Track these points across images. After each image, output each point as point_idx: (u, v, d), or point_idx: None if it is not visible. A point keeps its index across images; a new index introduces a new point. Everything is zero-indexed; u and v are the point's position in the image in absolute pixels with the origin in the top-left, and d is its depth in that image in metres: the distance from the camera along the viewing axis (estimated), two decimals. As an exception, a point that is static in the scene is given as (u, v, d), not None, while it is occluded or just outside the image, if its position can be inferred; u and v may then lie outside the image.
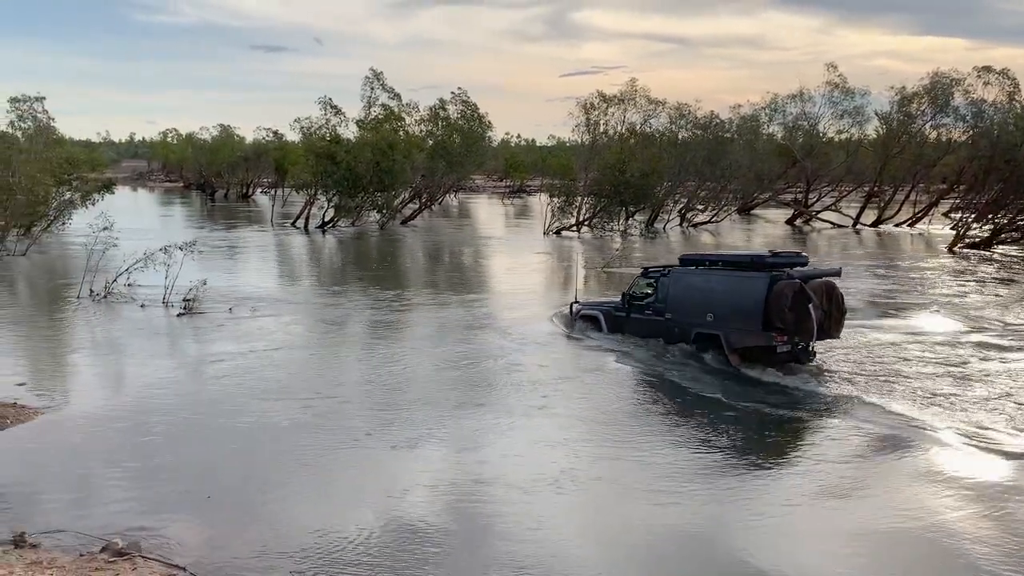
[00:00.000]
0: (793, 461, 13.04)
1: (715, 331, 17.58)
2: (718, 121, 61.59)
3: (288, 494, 11.12)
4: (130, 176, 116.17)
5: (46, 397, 15.24)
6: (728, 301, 17.49)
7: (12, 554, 8.95)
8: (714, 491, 11.39)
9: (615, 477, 11.90)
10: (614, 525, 10.52)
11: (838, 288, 17.68)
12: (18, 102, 40.92)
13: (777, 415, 14.87)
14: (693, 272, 18.67)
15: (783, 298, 16.56)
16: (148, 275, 25.08)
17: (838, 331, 17.76)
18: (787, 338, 17.01)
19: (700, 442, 13.44)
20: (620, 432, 13.80)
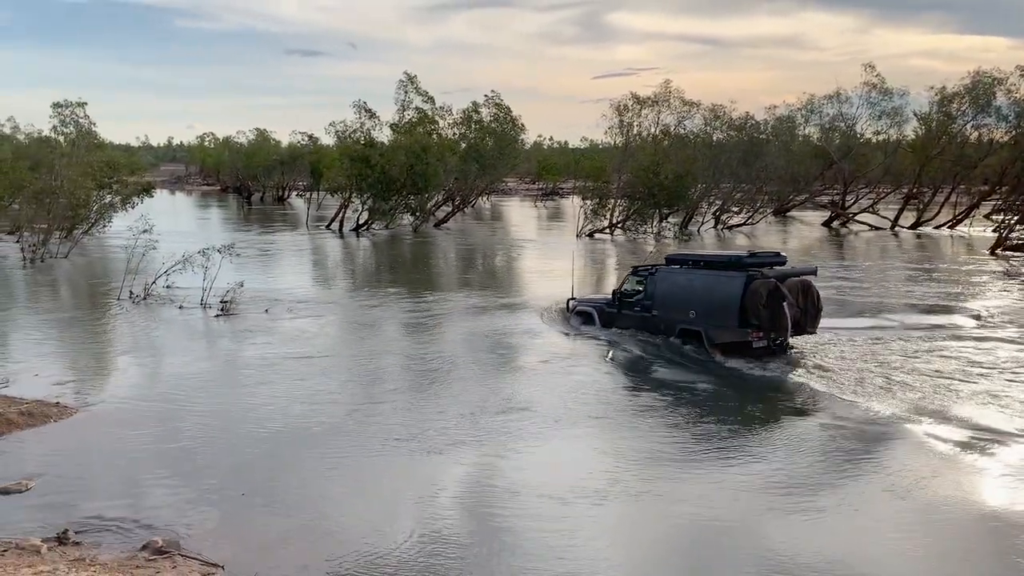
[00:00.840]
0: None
1: (696, 327, 18.74)
2: (753, 122, 60.96)
3: (322, 494, 11.20)
4: (168, 180, 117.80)
5: (87, 397, 15.52)
6: (708, 299, 18.60)
7: (55, 551, 9.11)
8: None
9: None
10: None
11: (814, 286, 18.71)
12: (60, 107, 41.79)
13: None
14: (678, 271, 19.83)
15: (758, 296, 17.68)
16: (186, 277, 25.46)
17: (814, 327, 18.81)
18: (763, 334, 18.11)
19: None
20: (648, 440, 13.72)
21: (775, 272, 18.54)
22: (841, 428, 14.07)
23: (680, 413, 15.05)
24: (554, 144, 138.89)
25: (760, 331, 18.10)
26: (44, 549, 9.05)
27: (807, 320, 18.53)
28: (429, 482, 11.68)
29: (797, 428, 14.41)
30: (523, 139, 64.38)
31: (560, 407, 15.11)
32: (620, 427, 14.31)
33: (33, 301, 27.11)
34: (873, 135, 63.70)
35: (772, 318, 17.84)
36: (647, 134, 57.00)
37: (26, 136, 68.81)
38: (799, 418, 14.95)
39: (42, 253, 35.29)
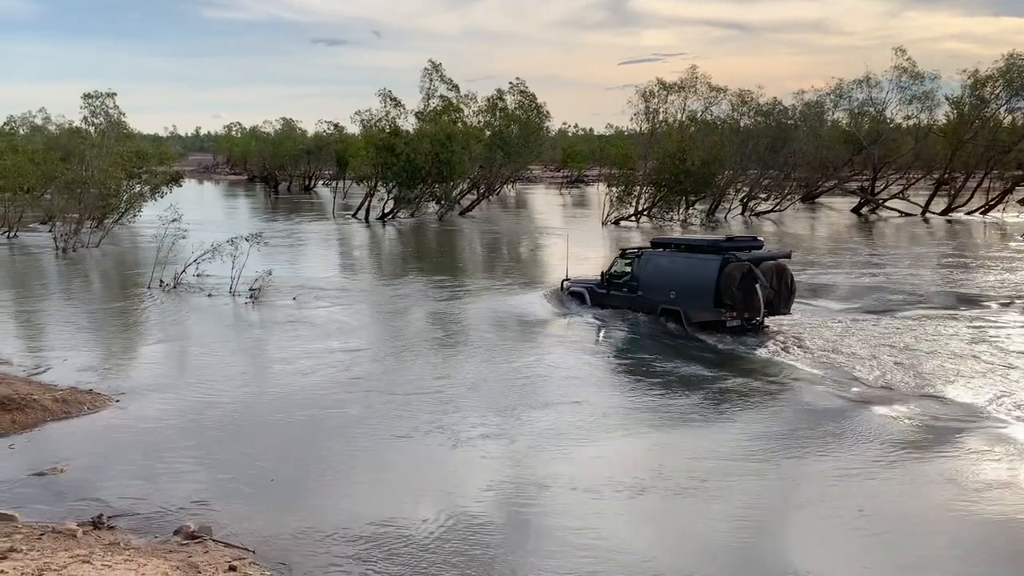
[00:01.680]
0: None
1: (676, 307, 19.91)
2: (781, 108, 60.32)
3: (350, 480, 11.31)
4: (196, 169, 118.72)
5: (119, 384, 15.72)
6: (686, 281, 19.79)
7: (91, 535, 9.27)
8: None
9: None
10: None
11: (788, 269, 19.81)
12: (91, 98, 42.24)
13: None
14: (661, 254, 21.16)
15: (732, 279, 18.81)
16: (215, 265, 25.71)
17: (787, 307, 19.91)
18: (736, 314, 19.19)
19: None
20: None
21: (750, 256, 19.49)
22: (795, 400, 15.03)
23: (650, 383, 16.25)
24: (579, 131, 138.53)
25: (734, 311, 19.14)
26: (80, 533, 9.21)
27: (780, 301, 19.56)
28: (456, 468, 11.75)
29: (755, 399, 15.16)
30: (548, 126, 64.28)
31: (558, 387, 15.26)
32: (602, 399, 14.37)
33: (66, 290, 27.52)
34: (903, 120, 62.81)
35: (745, 299, 18.96)
36: (673, 120, 56.60)
37: (57, 127, 69.88)
38: (761, 391, 15.64)
39: (74, 242, 35.80)
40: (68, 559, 8.21)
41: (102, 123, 42.38)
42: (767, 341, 18.83)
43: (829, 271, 30.88)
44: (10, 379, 15.16)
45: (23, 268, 32.31)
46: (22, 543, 8.60)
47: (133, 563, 8.33)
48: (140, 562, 8.39)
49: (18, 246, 37.78)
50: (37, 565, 7.95)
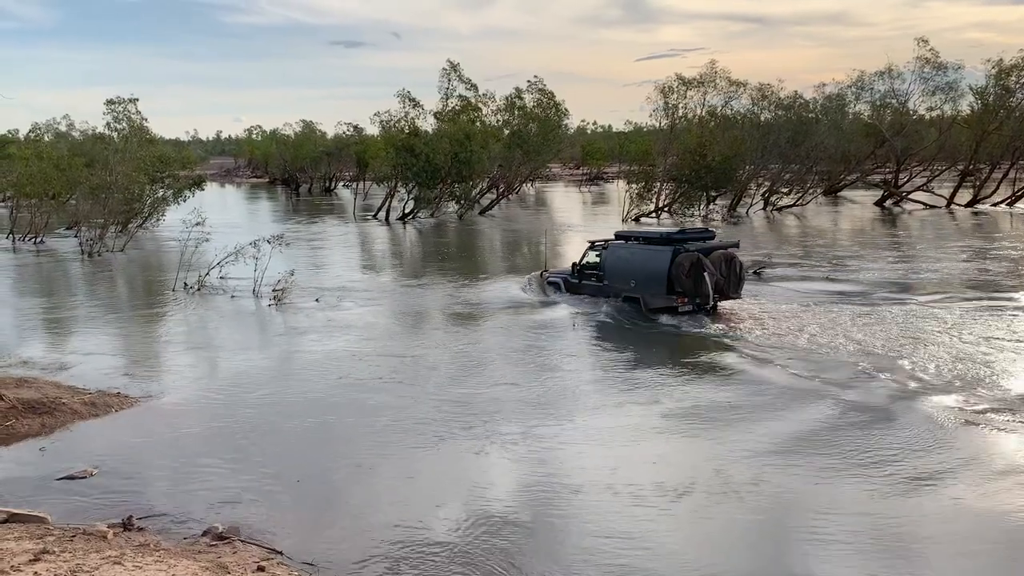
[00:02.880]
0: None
1: (636, 294, 21.85)
2: (802, 101, 59.81)
3: (377, 481, 11.33)
4: (218, 173, 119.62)
5: (147, 386, 15.88)
6: (643, 270, 21.65)
7: (121, 536, 9.36)
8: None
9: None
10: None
11: (737, 257, 21.81)
12: (113, 104, 42.72)
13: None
14: (623, 246, 22.85)
15: (682, 268, 20.73)
16: (238, 268, 25.91)
17: (737, 292, 21.84)
18: (688, 299, 21.02)
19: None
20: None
21: (700, 246, 21.39)
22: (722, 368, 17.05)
23: (609, 356, 18.41)
24: (598, 128, 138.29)
25: (685, 297, 21.01)
26: (110, 535, 9.30)
27: (730, 287, 21.54)
28: (483, 468, 11.76)
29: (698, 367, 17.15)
30: (566, 124, 64.12)
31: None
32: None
33: (92, 293, 27.83)
34: (926, 111, 62.05)
35: (695, 286, 20.86)
36: (693, 116, 56.29)
37: (81, 133, 70.61)
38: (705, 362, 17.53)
39: (99, 247, 36.20)
40: (100, 560, 8.30)
41: (125, 128, 42.86)
42: (718, 323, 20.64)
43: (861, 264, 30.62)
44: (39, 383, 15.36)
45: (50, 273, 32.71)
46: (54, 545, 8.70)
47: (163, 564, 8.40)
48: (170, 563, 8.46)
49: (45, 251, 38.27)
50: (70, 567, 8.04)
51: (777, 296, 24.28)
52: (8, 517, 9.71)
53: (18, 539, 8.86)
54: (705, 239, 22.18)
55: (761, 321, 20.81)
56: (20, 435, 13.17)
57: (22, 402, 13.84)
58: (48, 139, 67.57)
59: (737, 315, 21.55)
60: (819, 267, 30.37)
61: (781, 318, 21.10)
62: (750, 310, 22.06)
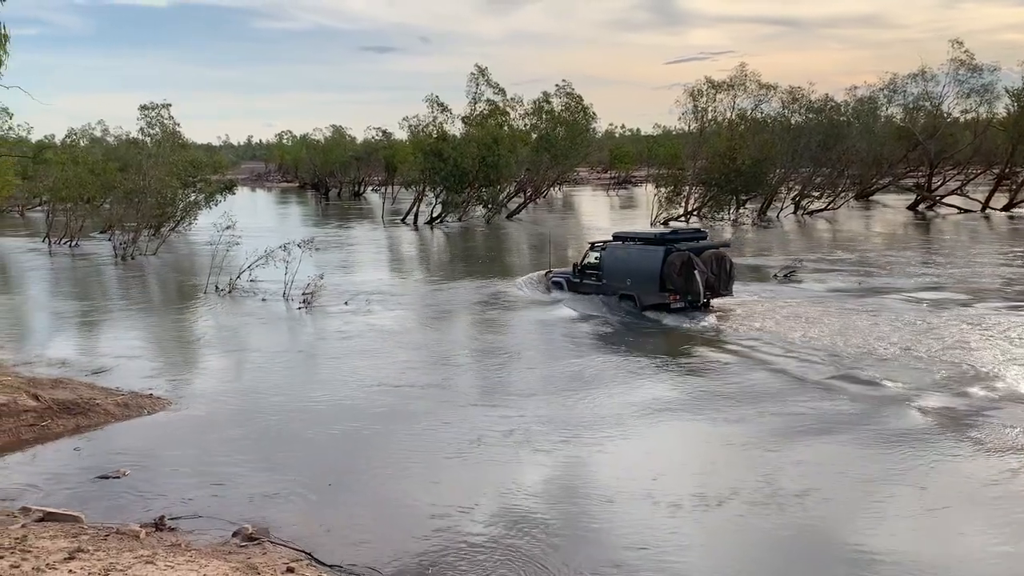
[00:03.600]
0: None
1: (631, 292, 22.76)
2: (833, 104, 59.15)
3: (406, 485, 11.34)
4: (249, 177, 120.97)
5: (178, 388, 16.07)
6: (637, 269, 22.58)
7: (153, 536, 9.46)
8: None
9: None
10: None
11: (728, 256, 22.78)
12: (147, 109, 43.41)
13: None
14: (620, 247, 23.75)
15: (673, 267, 21.68)
16: (269, 271, 26.14)
17: (728, 289, 22.66)
18: (679, 297, 21.87)
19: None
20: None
21: (691, 246, 22.35)
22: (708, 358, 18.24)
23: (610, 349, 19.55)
24: (626, 132, 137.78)
25: (677, 295, 21.88)
26: (143, 534, 9.40)
27: (720, 284, 22.39)
28: (512, 471, 11.73)
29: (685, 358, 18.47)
30: (594, 127, 64.01)
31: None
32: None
33: (126, 296, 28.22)
34: (961, 114, 61.07)
35: (686, 284, 21.76)
36: (722, 119, 55.92)
37: (115, 138, 71.71)
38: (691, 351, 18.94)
39: (132, 250, 36.73)
40: (133, 559, 8.39)
41: (158, 133, 43.51)
42: (713, 319, 21.62)
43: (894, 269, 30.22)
44: (74, 383, 15.59)
45: (85, 276, 33.22)
46: (88, 544, 8.82)
47: (195, 564, 8.48)
48: (201, 563, 8.53)
49: (80, 255, 38.89)
50: (103, 565, 8.14)
51: (808, 299, 23.98)
52: (44, 516, 9.86)
53: (53, 537, 8.98)
54: (697, 239, 23.22)
55: (794, 322, 20.90)
56: (55, 435, 13.38)
57: (57, 403, 14.06)
58: (84, 144, 68.59)
59: (760, 315, 21.78)
60: (851, 271, 30.00)
61: (813, 321, 20.96)
62: (783, 312, 22.01)
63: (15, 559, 8.19)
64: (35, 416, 13.64)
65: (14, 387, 14.47)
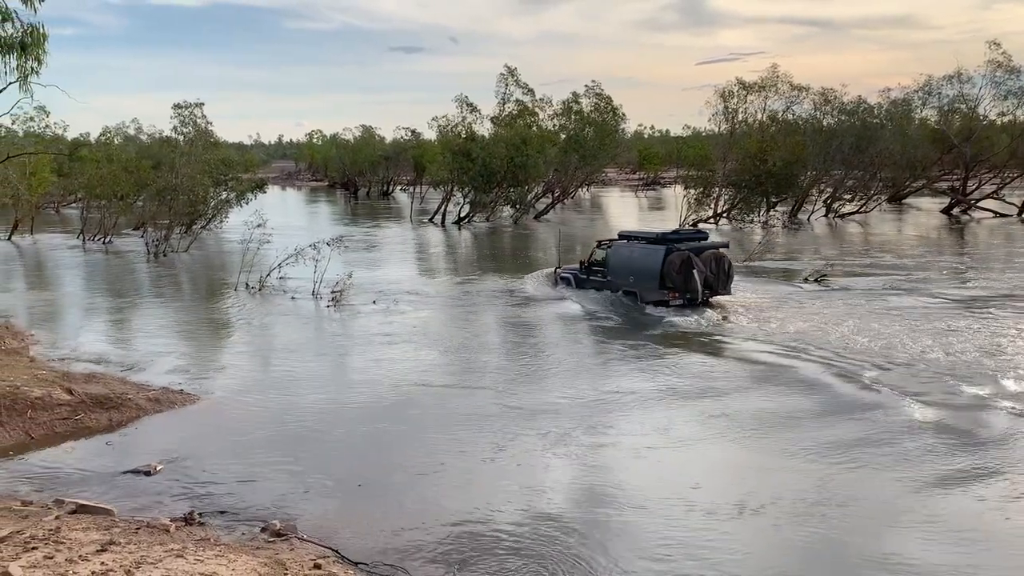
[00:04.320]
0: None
1: (633, 289, 23.90)
2: (866, 106, 58.40)
3: (433, 484, 11.38)
4: (279, 176, 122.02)
5: (208, 384, 16.24)
6: (639, 267, 23.71)
7: (183, 530, 9.57)
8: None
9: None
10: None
11: (726, 256, 23.79)
12: (180, 108, 43.86)
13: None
14: (624, 245, 24.92)
15: (673, 265, 22.78)
16: (298, 269, 26.34)
17: (726, 288, 23.59)
18: (679, 294, 22.92)
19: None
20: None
21: (691, 246, 23.35)
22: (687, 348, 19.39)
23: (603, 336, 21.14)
24: (655, 133, 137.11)
25: (676, 292, 22.94)
26: (172, 528, 9.51)
27: (719, 283, 23.37)
28: (539, 474, 11.73)
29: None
30: (623, 128, 63.74)
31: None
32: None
33: (157, 293, 28.56)
34: (998, 116, 60.08)
35: (684, 282, 22.79)
36: (753, 120, 55.47)
37: (148, 137, 72.67)
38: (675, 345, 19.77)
39: (164, 247, 37.17)
40: (163, 553, 8.49)
41: (191, 132, 43.91)
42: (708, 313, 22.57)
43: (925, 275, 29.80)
44: (107, 378, 15.82)
45: (118, 272, 33.68)
46: (120, 536, 8.94)
47: (224, 559, 8.56)
48: (230, 558, 8.61)
49: (113, 251, 39.45)
50: (135, 558, 8.24)
51: (836, 302, 23.74)
52: (76, 508, 10.01)
53: (86, 529, 9.12)
54: (697, 240, 24.21)
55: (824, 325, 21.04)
56: (88, 429, 13.59)
57: (91, 397, 14.27)
58: (118, 142, 69.56)
59: (777, 316, 21.99)
60: (882, 275, 29.61)
61: (838, 322, 20.97)
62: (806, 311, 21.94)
63: (49, 550, 8.33)
64: (69, 410, 13.86)
65: (49, 381, 14.72)
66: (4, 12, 14.04)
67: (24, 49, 14.36)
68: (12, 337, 20.06)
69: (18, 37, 14.27)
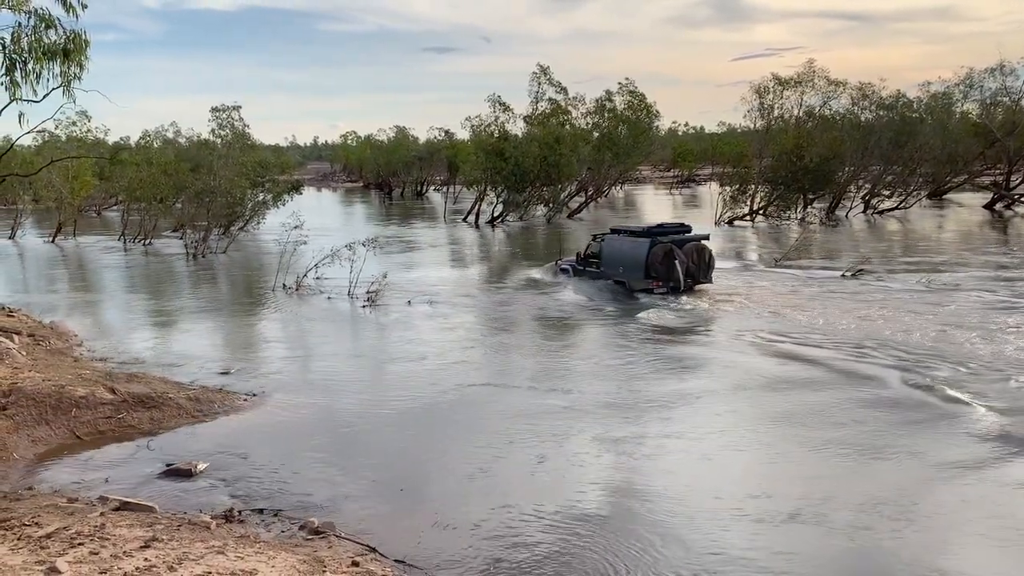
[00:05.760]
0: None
1: (623, 278, 26.10)
2: (905, 100, 57.46)
3: (471, 484, 11.40)
4: (315, 177, 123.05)
5: (247, 384, 16.41)
6: (627, 259, 25.75)
7: (223, 528, 9.70)
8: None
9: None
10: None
11: (707, 248, 25.83)
12: (218, 111, 44.40)
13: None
14: (615, 238, 26.91)
15: (656, 256, 24.90)
16: (334, 269, 26.58)
17: (707, 277, 25.74)
18: (662, 283, 24.97)
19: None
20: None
21: (674, 238, 25.35)
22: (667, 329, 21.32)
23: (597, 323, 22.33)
24: (689, 130, 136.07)
25: (659, 281, 24.99)
26: (213, 525, 9.64)
27: (700, 273, 25.50)
28: (579, 476, 11.71)
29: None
30: (657, 126, 63.37)
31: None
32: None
33: (196, 293, 28.99)
34: (1042, 109, 58.69)
35: (667, 272, 24.91)
36: (789, 116, 54.83)
37: (187, 139, 73.66)
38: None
39: (203, 249, 37.70)
40: (204, 550, 8.61)
41: (228, 135, 44.43)
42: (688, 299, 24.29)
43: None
44: (148, 378, 16.08)
45: (158, 274, 34.25)
46: (163, 533, 9.08)
47: (263, 556, 8.66)
48: (270, 555, 8.71)
49: (153, 253, 40.12)
50: (177, 554, 8.38)
51: (876, 300, 23.42)
52: (120, 505, 10.19)
53: (129, 526, 9.28)
54: (681, 233, 26.11)
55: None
56: (130, 427, 13.82)
57: (132, 396, 14.52)
58: (157, 145, 70.63)
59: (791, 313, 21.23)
60: (923, 271, 29.09)
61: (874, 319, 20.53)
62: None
63: (94, 546, 8.49)
64: (112, 409, 14.11)
65: (92, 380, 15.01)
66: (48, 19, 14.32)
67: (67, 55, 14.63)
68: (57, 337, 20.50)
69: (61, 43, 14.55)
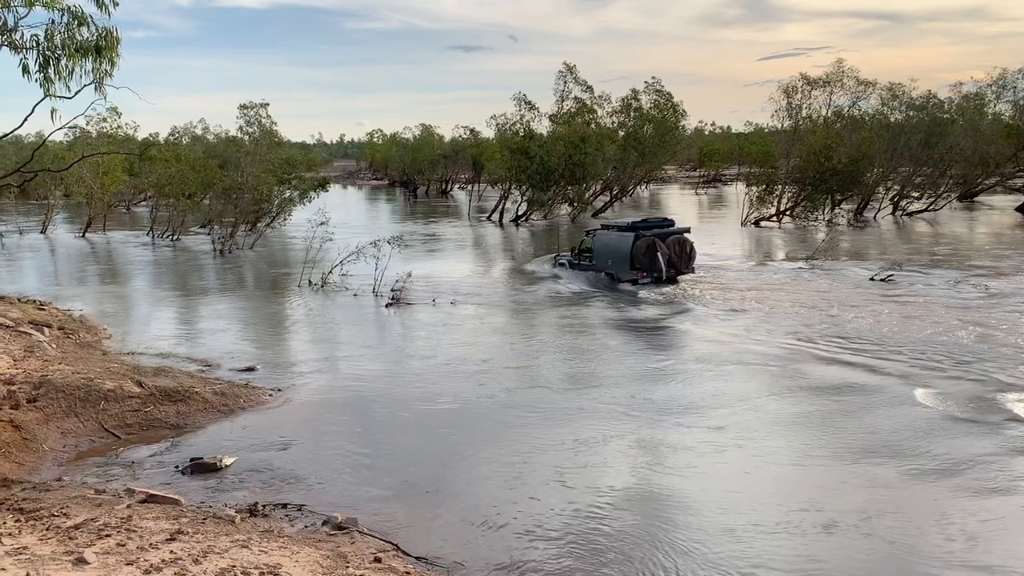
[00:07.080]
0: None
1: (611, 271, 28.03)
2: (936, 101, 56.60)
3: (494, 482, 11.40)
4: (341, 175, 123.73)
5: (272, 380, 16.56)
6: (615, 252, 27.68)
7: (248, 522, 9.78)
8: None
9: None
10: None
11: (688, 240, 27.64)
12: (246, 108, 44.79)
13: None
14: (605, 234, 28.90)
15: (640, 249, 26.77)
16: (359, 266, 26.74)
17: (688, 267, 27.58)
18: (647, 274, 26.88)
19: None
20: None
21: (657, 232, 27.24)
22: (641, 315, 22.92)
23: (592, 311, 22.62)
24: (716, 130, 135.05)
25: (644, 272, 26.86)
26: (238, 520, 9.73)
27: (682, 264, 27.32)
28: (602, 476, 11.68)
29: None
30: (684, 125, 62.99)
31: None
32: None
33: (223, 289, 29.27)
34: (1077, 110, 57.64)
35: (650, 263, 26.79)
36: (818, 116, 54.24)
37: (215, 136, 74.39)
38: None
39: (230, 245, 38.06)
40: (229, 543, 8.70)
41: (256, 132, 44.82)
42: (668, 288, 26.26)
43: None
44: (175, 372, 16.27)
45: (185, 268, 34.62)
46: (188, 526, 9.18)
47: (287, 550, 8.73)
48: (293, 549, 8.78)
49: (181, 248, 40.55)
50: (202, 547, 8.46)
51: (908, 305, 23.15)
52: (146, 497, 10.31)
53: (156, 519, 9.39)
54: (664, 227, 27.91)
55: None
56: (157, 421, 13.99)
57: (159, 390, 14.69)
58: (185, 142, 71.37)
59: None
60: (959, 275, 28.69)
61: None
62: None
63: (121, 537, 8.60)
64: (139, 402, 14.29)
65: (120, 374, 15.20)
66: (80, 16, 14.48)
67: (99, 52, 14.78)
68: (87, 331, 20.79)
69: (93, 40, 14.70)
